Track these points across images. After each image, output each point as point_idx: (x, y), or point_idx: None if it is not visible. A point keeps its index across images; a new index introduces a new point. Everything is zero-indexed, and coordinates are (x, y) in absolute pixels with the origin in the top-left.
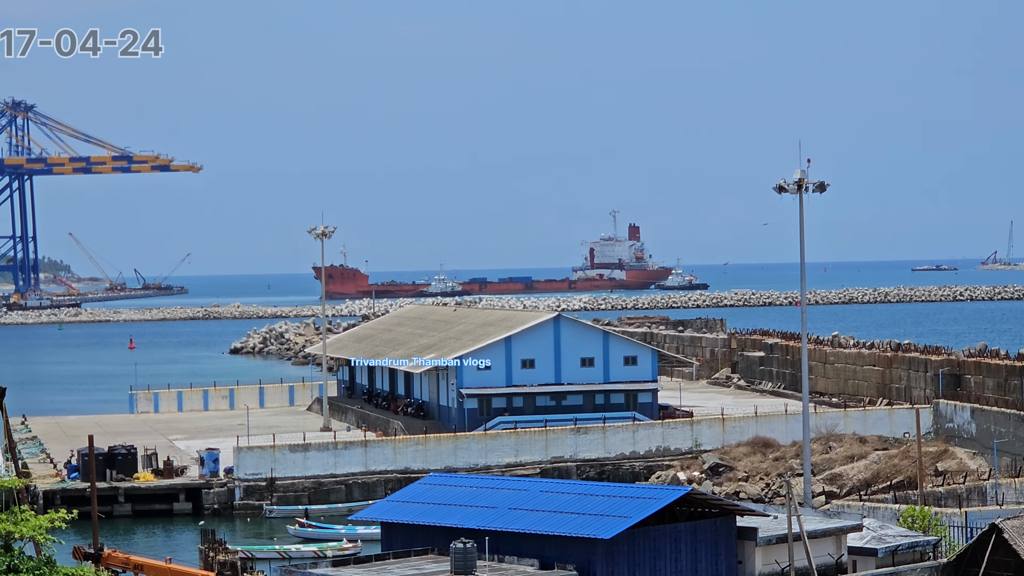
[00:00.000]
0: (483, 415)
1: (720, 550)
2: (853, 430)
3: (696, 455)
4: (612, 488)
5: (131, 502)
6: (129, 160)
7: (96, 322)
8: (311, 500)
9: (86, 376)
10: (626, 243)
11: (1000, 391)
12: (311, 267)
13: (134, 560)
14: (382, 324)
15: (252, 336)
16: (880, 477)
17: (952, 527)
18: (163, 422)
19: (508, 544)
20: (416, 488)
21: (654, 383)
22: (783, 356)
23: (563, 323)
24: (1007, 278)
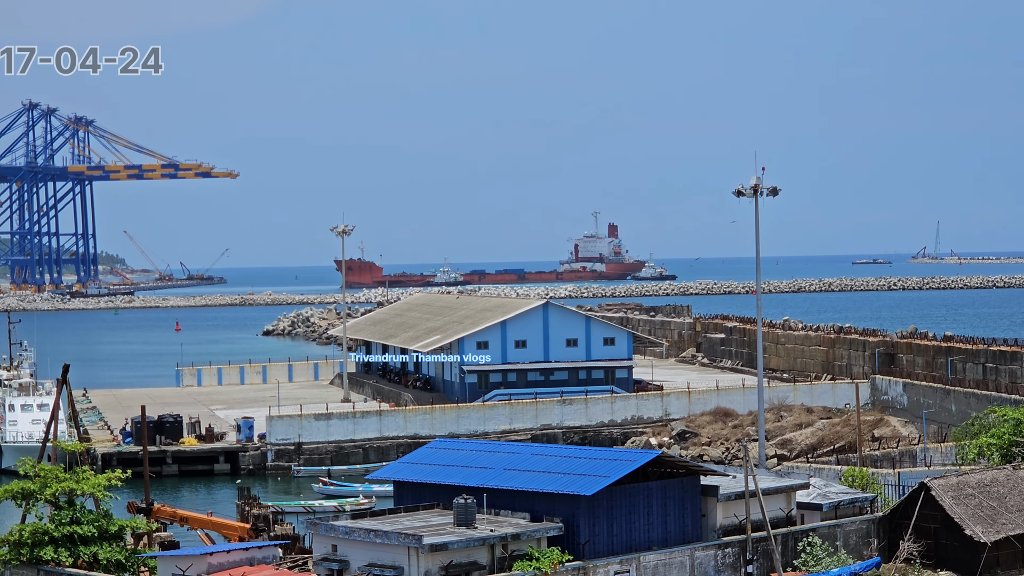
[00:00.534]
0: (482, 388)
1: (686, 505)
2: (801, 402)
3: (666, 423)
4: (593, 451)
5: (177, 463)
6: (176, 168)
7: (147, 308)
8: (333, 462)
9: (138, 354)
10: (606, 240)
11: (928, 368)
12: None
13: (180, 513)
14: (394, 310)
15: (282, 320)
16: (824, 442)
17: (887, 485)
18: (205, 394)
19: (503, 500)
20: (424, 451)
21: (629, 361)
22: (741, 337)
23: (551, 309)
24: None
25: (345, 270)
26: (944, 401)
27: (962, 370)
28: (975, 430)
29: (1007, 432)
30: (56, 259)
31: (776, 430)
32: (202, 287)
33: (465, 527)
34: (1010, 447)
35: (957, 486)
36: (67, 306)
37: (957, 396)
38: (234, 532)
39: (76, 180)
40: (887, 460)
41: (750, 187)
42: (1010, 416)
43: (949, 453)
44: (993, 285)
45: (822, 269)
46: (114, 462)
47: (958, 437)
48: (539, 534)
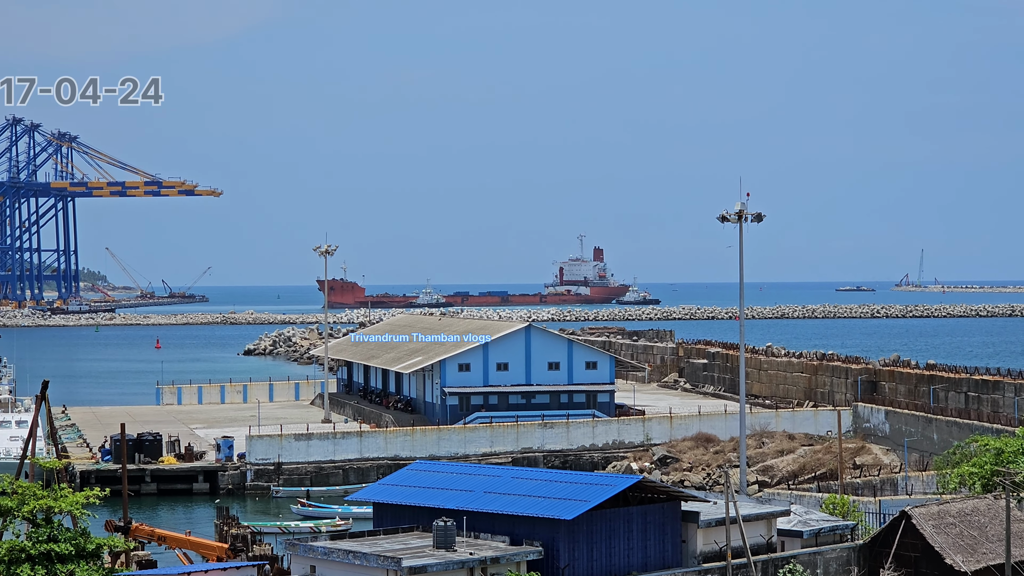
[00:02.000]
0: (463, 411)
1: (667, 530)
2: (783, 428)
3: (647, 448)
4: (574, 475)
5: (156, 482)
6: (159, 185)
7: (128, 325)
8: (313, 483)
9: (118, 372)
10: (591, 263)
11: (911, 396)
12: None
13: (158, 532)
14: (377, 331)
15: (263, 339)
16: (806, 469)
17: (868, 513)
18: (185, 413)
19: (483, 523)
20: (404, 473)
21: (611, 385)
22: (723, 363)
23: (533, 332)
24: (918, 298)
25: (327, 290)
26: (926, 429)
27: (944, 399)
28: (956, 459)
29: (988, 461)
30: (37, 275)
31: (758, 456)
32: (184, 305)
33: (444, 550)
34: (991, 476)
35: (938, 515)
36: (48, 322)
37: (939, 425)
38: (212, 552)
39: (58, 196)
40: (868, 488)
41: (735, 213)
42: (992, 445)
43: (930, 482)
44: (976, 314)
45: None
46: (92, 480)
47: (939, 466)
48: (518, 558)
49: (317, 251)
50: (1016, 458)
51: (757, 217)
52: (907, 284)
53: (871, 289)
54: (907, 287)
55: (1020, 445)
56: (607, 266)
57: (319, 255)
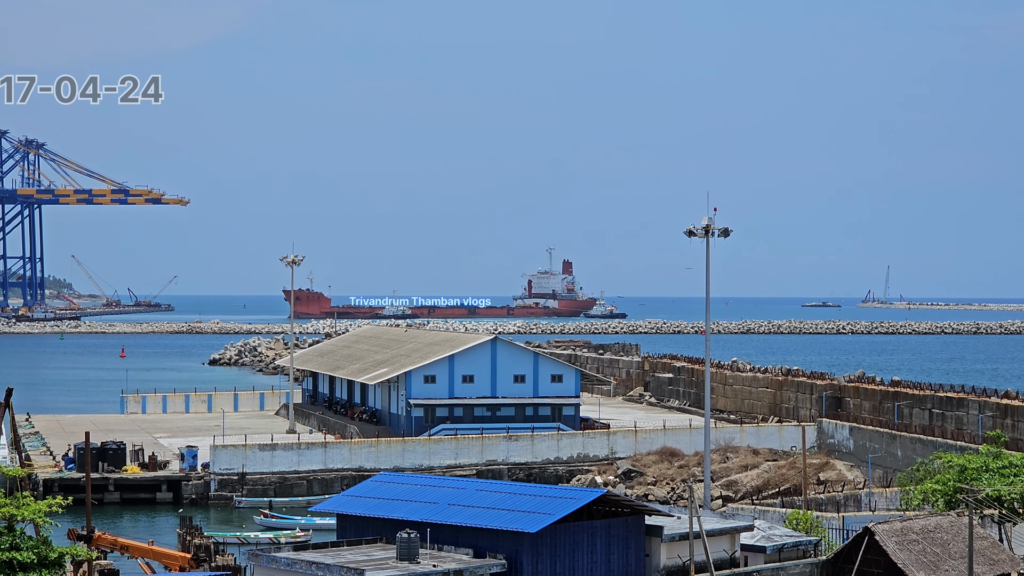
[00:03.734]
0: (428, 423)
1: (630, 544)
2: (748, 443)
3: (612, 461)
4: (538, 488)
5: (120, 491)
6: (126, 193)
7: (93, 333)
8: (277, 493)
9: (83, 380)
10: (559, 276)
11: (875, 412)
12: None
13: (121, 542)
14: (342, 341)
15: (229, 349)
16: (770, 484)
17: (831, 529)
18: (149, 422)
19: (447, 535)
20: (368, 485)
21: (577, 398)
22: (689, 378)
23: (499, 345)
24: (883, 315)
25: (293, 300)
26: (890, 446)
27: (908, 415)
28: (920, 476)
29: (952, 478)
30: (2, 282)
31: (722, 471)
32: (149, 314)
33: (408, 562)
34: (955, 494)
35: (901, 531)
36: (12, 330)
37: (903, 441)
38: (175, 562)
39: (25, 203)
40: (832, 504)
41: (701, 228)
42: (955, 462)
43: (894, 498)
44: (941, 331)
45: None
46: (56, 488)
47: (903, 482)
48: (482, 570)
49: (283, 261)
50: (979, 475)
51: (724, 232)
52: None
53: (837, 305)
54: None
55: (983, 462)
56: (576, 279)
57: (285, 265)
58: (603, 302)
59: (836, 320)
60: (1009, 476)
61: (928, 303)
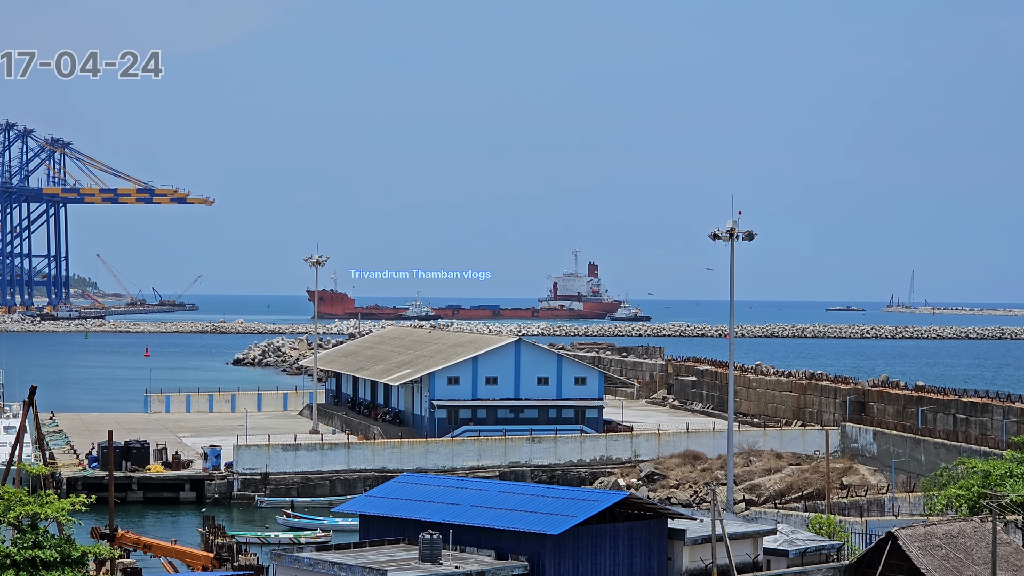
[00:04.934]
0: (451, 424)
1: (653, 547)
2: (771, 447)
3: (634, 464)
4: (561, 491)
5: (143, 490)
6: (151, 193)
7: (117, 332)
8: (299, 493)
9: (107, 379)
10: (585, 278)
11: (899, 417)
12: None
13: (144, 541)
14: (366, 342)
15: (253, 349)
16: (793, 488)
17: (854, 534)
18: (173, 421)
19: (469, 537)
20: (391, 486)
21: (600, 401)
22: (712, 381)
23: (523, 346)
24: (907, 319)
25: (317, 301)
26: (914, 451)
27: (932, 420)
28: (944, 481)
29: (976, 484)
30: (28, 280)
31: (745, 475)
32: (173, 313)
33: (430, 563)
34: (978, 499)
35: (924, 537)
36: (37, 328)
37: (927, 446)
38: (197, 561)
39: (50, 202)
40: (855, 508)
41: (726, 231)
42: (979, 468)
43: (917, 503)
44: (966, 336)
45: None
46: (79, 487)
47: (927, 487)
48: (504, 572)
49: (308, 261)
50: (1003, 481)
51: (748, 235)
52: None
53: (861, 309)
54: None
55: (1007, 468)
56: (601, 282)
57: (310, 265)
58: (627, 304)
59: (860, 324)
60: None
61: (953, 308)
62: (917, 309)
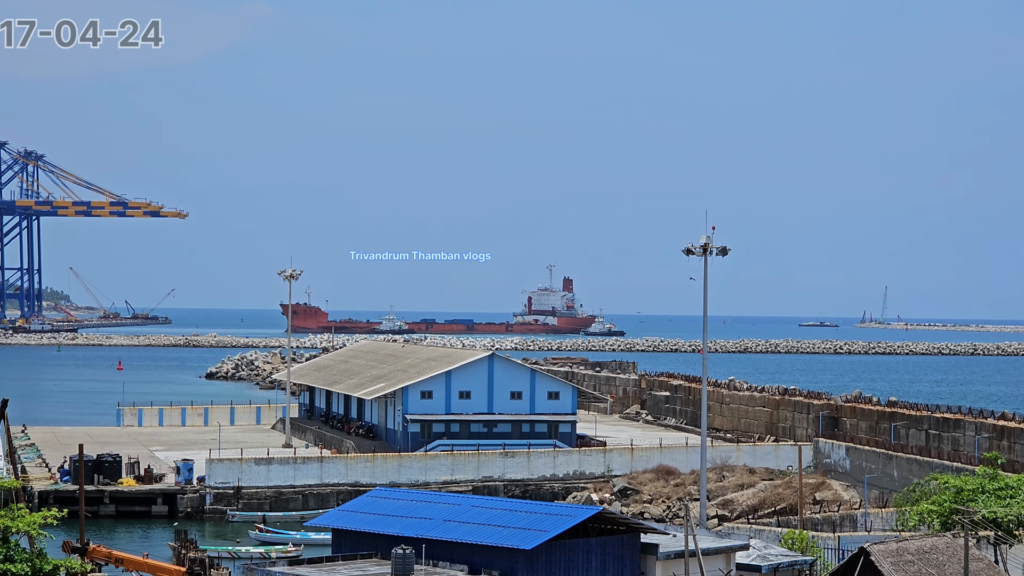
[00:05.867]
0: (424, 438)
1: (626, 562)
2: (744, 462)
3: (608, 479)
4: (534, 505)
5: (115, 504)
6: (125, 206)
7: (90, 345)
8: (272, 507)
9: (79, 392)
10: (559, 293)
11: (872, 432)
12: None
13: (115, 555)
14: (339, 356)
15: (226, 363)
16: (766, 504)
17: (826, 549)
18: (145, 435)
19: (442, 551)
20: (364, 500)
21: (573, 415)
22: (686, 396)
23: (496, 361)
24: (880, 335)
25: (291, 315)
26: (886, 466)
27: (905, 436)
28: (916, 496)
29: (948, 500)
30: (0, 293)
31: (718, 490)
32: (146, 327)
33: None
34: (950, 515)
35: (897, 552)
36: (9, 341)
37: (899, 462)
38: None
39: (23, 214)
40: (828, 524)
41: (700, 246)
42: (951, 484)
43: (890, 519)
44: (939, 352)
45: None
46: (51, 500)
47: (899, 503)
48: None
49: (281, 275)
50: (975, 497)
51: (722, 251)
52: (870, 321)
53: (834, 325)
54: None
55: (980, 484)
56: (576, 296)
57: (283, 279)
58: (602, 319)
59: (833, 340)
60: (1005, 498)
61: (925, 324)
62: (890, 325)
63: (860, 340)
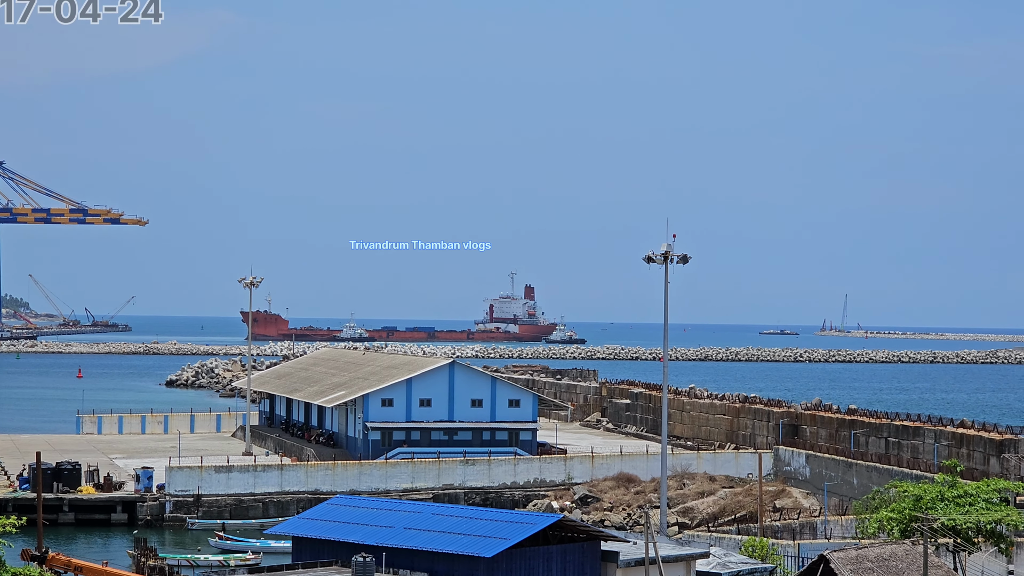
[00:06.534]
0: (385, 446)
1: (586, 570)
2: (704, 470)
3: (568, 487)
4: (494, 513)
5: (74, 511)
6: (85, 213)
7: (50, 353)
8: (232, 515)
9: (39, 400)
10: (521, 301)
11: (832, 440)
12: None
13: (75, 563)
14: (300, 364)
15: (186, 370)
16: (726, 511)
17: (786, 556)
18: (105, 442)
19: (403, 559)
20: (324, 508)
21: (534, 423)
22: (646, 404)
23: (457, 368)
24: (841, 343)
25: (251, 322)
26: (846, 474)
27: (865, 444)
28: (876, 504)
29: (907, 507)
30: None
31: (678, 498)
32: (106, 334)
33: None
34: (910, 522)
35: (856, 559)
36: None
37: (859, 469)
38: None
39: None
40: (787, 531)
41: (660, 254)
42: (910, 491)
43: (849, 526)
44: (898, 360)
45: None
46: (9, 508)
47: (859, 510)
48: None
49: (242, 282)
50: (935, 504)
51: (683, 259)
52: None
53: (794, 333)
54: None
55: (939, 491)
56: (537, 304)
57: (244, 286)
58: (563, 327)
59: (794, 348)
60: (964, 505)
61: (885, 332)
62: (850, 333)
63: (820, 348)
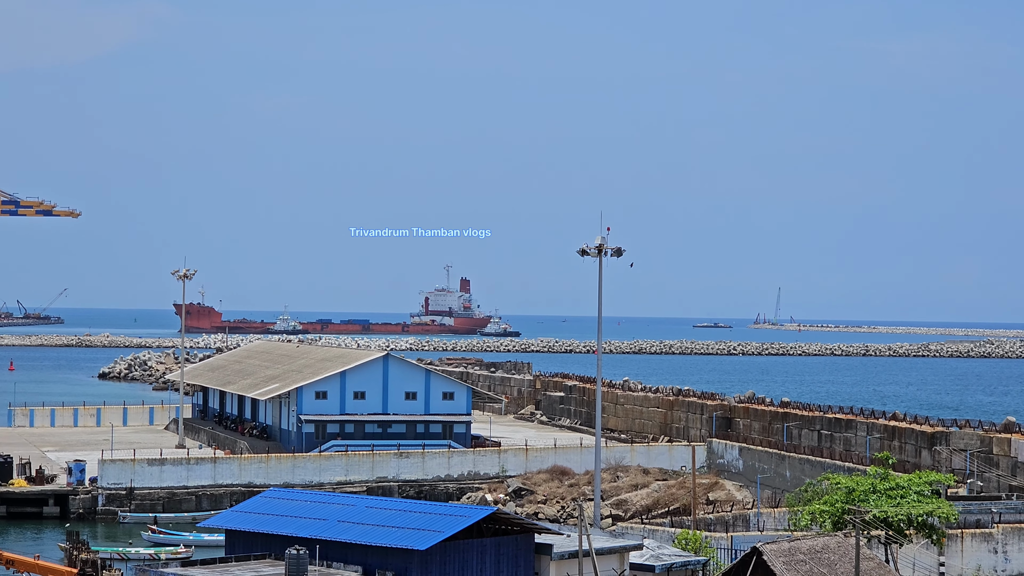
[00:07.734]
0: (319, 439)
1: (520, 563)
2: (638, 463)
3: (502, 479)
4: (428, 506)
5: (5, 505)
6: (16, 204)
7: None
8: (165, 508)
9: None
10: (456, 294)
11: (765, 433)
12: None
13: (6, 556)
14: (233, 356)
15: (119, 363)
16: (660, 504)
17: (720, 549)
18: (37, 435)
19: (336, 552)
20: (257, 501)
21: (468, 416)
22: (580, 397)
23: (391, 361)
24: (773, 336)
25: (184, 315)
26: (779, 466)
27: (798, 436)
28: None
29: (839, 500)
30: None
31: (612, 490)
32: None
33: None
34: (842, 515)
35: (789, 552)
36: None
37: (792, 462)
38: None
39: None
40: (721, 524)
41: (594, 247)
42: (843, 484)
43: (782, 519)
44: (831, 353)
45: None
46: None
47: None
48: None
49: (175, 275)
50: (867, 497)
51: (616, 252)
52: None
53: (728, 326)
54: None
55: (871, 484)
56: (473, 297)
57: (177, 279)
58: (497, 320)
59: (727, 341)
60: (896, 498)
61: (818, 325)
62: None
63: (753, 341)
